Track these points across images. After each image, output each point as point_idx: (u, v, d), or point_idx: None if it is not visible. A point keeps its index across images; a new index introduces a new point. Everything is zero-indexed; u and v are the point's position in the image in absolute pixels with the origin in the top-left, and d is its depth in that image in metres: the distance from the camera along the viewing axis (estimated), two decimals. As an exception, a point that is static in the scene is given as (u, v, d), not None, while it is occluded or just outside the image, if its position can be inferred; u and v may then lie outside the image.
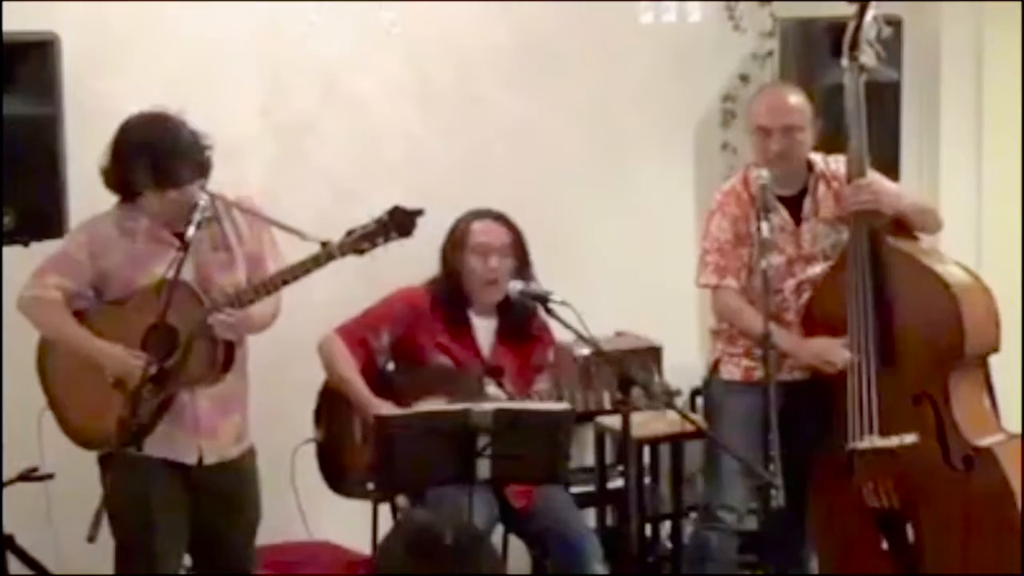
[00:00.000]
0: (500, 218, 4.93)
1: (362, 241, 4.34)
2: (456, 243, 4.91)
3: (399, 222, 4.34)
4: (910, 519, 4.82)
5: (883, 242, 4.85)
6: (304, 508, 5.08)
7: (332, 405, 4.89)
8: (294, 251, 4.39)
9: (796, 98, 4.94)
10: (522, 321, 4.91)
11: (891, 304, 4.81)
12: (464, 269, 4.88)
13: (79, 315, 4.42)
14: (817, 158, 5.00)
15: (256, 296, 4.37)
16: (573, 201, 6.05)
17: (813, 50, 5.76)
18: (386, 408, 4.65)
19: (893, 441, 4.78)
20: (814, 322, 4.93)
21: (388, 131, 5.84)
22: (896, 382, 4.79)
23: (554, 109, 6.03)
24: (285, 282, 4.36)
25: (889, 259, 4.83)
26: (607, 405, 4.74)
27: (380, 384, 4.83)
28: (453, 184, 5.72)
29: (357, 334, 4.86)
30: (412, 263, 4.80)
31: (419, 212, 4.36)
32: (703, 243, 5.03)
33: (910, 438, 4.78)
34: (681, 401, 5.63)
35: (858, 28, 4.90)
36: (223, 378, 4.44)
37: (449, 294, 4.90)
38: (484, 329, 4.93)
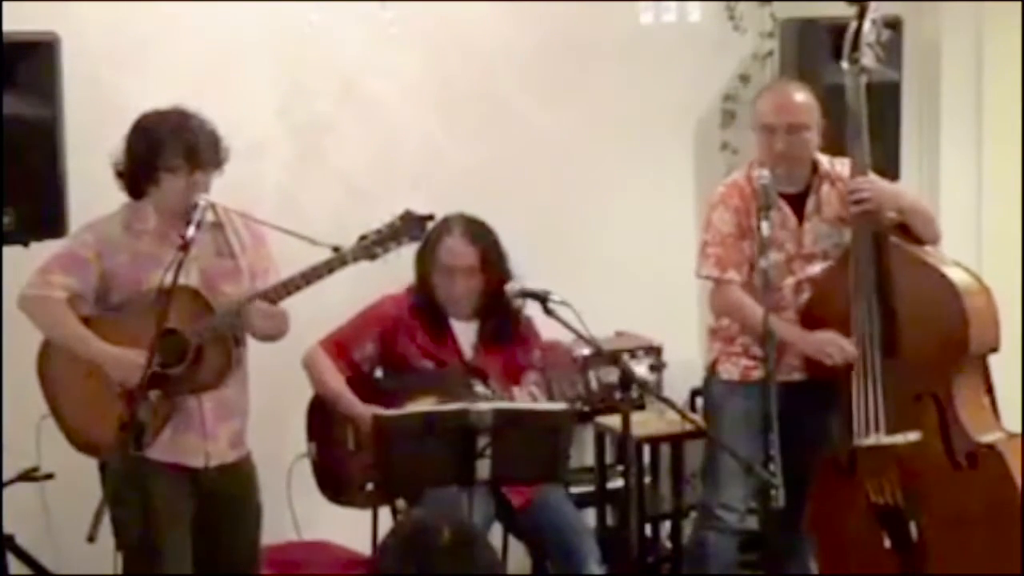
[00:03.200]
0: (469, 233, 4.84)
1: (374, 246, 4.39)
2: (427, 256, 4.85)
3: (410, 227, 4.40)
4: (913, 517, 4.82)
5: (886, 241, 4.85)
6: (304, 509, 5.09)
7: (322, 419, 4.87)
8: (305, 256, 4.39)
9: (803, 97, 4.93)
10: (505, 323, 4.89)
11: (895, 302, 4.81)
12: (433, 284, 4.86)
13: (84, 321, 4.39)
14: (823, 159, 4.99)
15: (276, 298, 4.36)
16: (572, 200, 6.03)
17: (813, 50, 5.75)
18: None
19: (897, 438, 4.79)
20: (814, 320, 4.92)
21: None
22: (900, 380, 4.79)
23: (553, 109, 6.02)
24: (298, 287, 4.35)
25: (893, 258, 4.84)
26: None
27: (369, 392, 4.81)
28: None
29: (340, 346, 4.85)
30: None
31: (429, 217, 4.43)
32: (704, 235, 5.01)
33: (913, 435, 4.78)
34: (681, 401, 5.66)
35: (859, 30, 4.90)
36: (226, 382, 4.44)
37: (426, 301, 4.89)
38: (465, 332, 4.91)
